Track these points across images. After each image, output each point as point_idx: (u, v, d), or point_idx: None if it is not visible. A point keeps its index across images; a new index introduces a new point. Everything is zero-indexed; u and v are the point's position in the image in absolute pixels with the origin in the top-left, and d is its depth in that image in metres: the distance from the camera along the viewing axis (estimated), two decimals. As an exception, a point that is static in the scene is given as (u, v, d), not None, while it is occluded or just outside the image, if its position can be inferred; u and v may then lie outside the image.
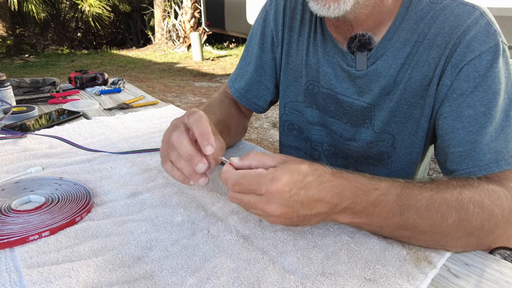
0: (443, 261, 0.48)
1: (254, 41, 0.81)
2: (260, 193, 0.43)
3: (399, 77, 0.65)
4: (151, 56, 7.43)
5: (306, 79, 0.75)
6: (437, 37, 0.60)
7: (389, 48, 0.64)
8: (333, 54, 0.70)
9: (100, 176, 0.67)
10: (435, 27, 0.60)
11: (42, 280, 0.42)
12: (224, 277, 0.44)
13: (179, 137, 0.50)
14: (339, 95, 0.71)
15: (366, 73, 0.66)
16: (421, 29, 0.62)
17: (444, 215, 0.47)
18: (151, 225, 0.53)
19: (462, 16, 0.58)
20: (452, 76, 0.58)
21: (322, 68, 0.72)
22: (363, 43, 0.64)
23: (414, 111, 0.65)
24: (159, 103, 1.19)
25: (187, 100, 4.34)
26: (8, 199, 0.57)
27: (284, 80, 0.79)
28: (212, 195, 0.62)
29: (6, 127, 0.89)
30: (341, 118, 0.73)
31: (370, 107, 0.68)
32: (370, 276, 0.45)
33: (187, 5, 7.56)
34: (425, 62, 0.61)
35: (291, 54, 0.77)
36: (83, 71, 1.37)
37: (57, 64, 6.38)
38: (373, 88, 0.67)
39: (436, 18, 0.60)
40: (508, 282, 0.45)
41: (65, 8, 8.06)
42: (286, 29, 0.76)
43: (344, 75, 0.69)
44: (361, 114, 0.70)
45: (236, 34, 4.84)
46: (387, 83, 0.65)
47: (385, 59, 0.65)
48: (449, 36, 0.58)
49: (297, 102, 0.79)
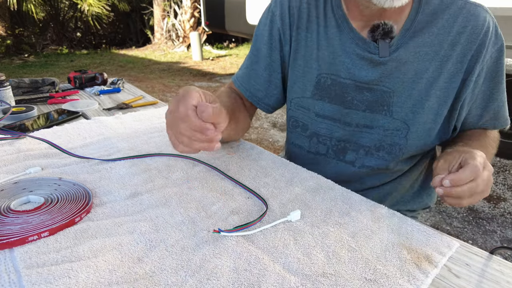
0: (444, 261, 0.48)
1: (261, 42, 0.82)
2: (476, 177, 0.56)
3: (420, 66, 0.70)
4: (150, 56, 7.43)
5: (318, 72, 0.77)
6: (461, 35, 0.69)
7: (410, 38, 0.70)
8: (350, 44, 0.73)
9: (99, 176, 0.67)
10: (457, 25, 0.69)
11: (41, 281, 0.42)
12: (224, 278, 0.44)
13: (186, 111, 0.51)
14: (358, 83, 0.74)
15: (390, 59, 0.71)
16: (440, 23, 0.69)
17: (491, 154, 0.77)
18: (151, 226, 0.53)
19: (479, 17, 0.69)
20: (476, 73, 0.70)
21: (339, 59, 0.75)
22: (386, 32, 0.70)
23: (433, 103, 0.72)
24: (158, 103, 1.19)
25: (187, 100, 4.33)
26: (7, 200, 0.57)
27: (292, 76, 0.81)
28: (212, 195, 0.62)
29: (5, 127, 0.89)
30: (359, 107, 0.75)
31: (390, 92, 0.73)
32: (371, 276, 0.45)
33: (187, 5, 7.56)
34: (450, 57, 0.69)
35: (299, 51, 0.79)
36: (82, 71, 1.37)
37: (57, 64, 6.37)
38: (394, 73, 0.72)
39: (456, 17, 0.69)
40: (508, 282, 0.45)
41: (64, 8, 8.05)
42: (293, 27, 0.79)
43: (363, 63, 0.73)
44: (380, 99, 0.74)
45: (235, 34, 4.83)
46: (408, 70, 0.71)
47: (407, 47, 0.70)
48: (472, 36, 0.69)
49: (303, 98, 0.80)
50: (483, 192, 0.58)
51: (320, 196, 0.63)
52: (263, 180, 0.68)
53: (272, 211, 0.58)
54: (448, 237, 0.53)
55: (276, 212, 0.58)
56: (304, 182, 0.68)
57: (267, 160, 0.76)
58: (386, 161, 0.77)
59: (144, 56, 7.41)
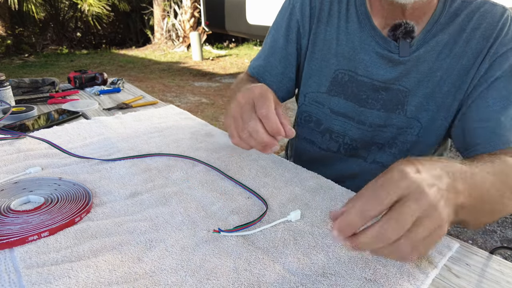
0: (444, 261, 0.48)
1: (279, 33, 0.82)
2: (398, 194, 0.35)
3: (436, 65, 0.70)
4: (150, 55, 7.43)
5: (336, 67, 0.77)
6: (476, 31, 0.67)
7: (430, 38, 0.70)
8: (370, 41, 0.73)
9: (99, 176, 0.67)
10: (473, 22, 0.68)
11: (41, 281, 0.42)
12: (224, 277, 0.44)
13: (268, 113, 0.52)
14: (375, 81, 0.74)
15: (409, 59, 0.71)
16: (458, 22, 0.69)
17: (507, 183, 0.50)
18: (151, 225, 0.53)
19: (497, 14, 0.67)
20: (487, 66, 0.66)
21: (358, 56, 0.74)
22: (408, 31, 0.69)
23: (446, 100, 0.71)
24: (158, 103, 1.19)
25: (187, 100, 4.34)
26: (7, 200, 0.57)
27: (308, 69, 0.81)
28: (212, 195, 0.62)
29: (5, 127, 0.89)
30: (374, 106, 0.75)
31: (406, 92, 0.72)
32: (371, 276, 0.45)
33: (187, 5, 7.56)
34: (464, 54, 0.68)
35: (317, 44, 0.79)
36: (82, 71, 1.37)
37: (56, 64, 6.37)
38: (412, 73, 0.72)
39: (473, 15, 0.68)
40: (509, 282, 0.45)
41: (64, 8, 8.04)
42: (314, 20, 0.78)
43: (382, 61, 0.73)
44: (395, 99, 0.73)
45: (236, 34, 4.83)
46: (425, 70, 0.71)
47: (426, 47, 0.70)
48: (487, 31, 0.67)
49: (318, 93, 0.80)
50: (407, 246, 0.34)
51: (320, 196, 0.63)
52: (263, 180, 0.68)
53: (272, 211, 0.58)
54: (448, 237, 0.53)
55: (276, 212, 0.58)
56: (304, 182, 0.68)
57: (267, 160, 0.76)
58: (396, 158, 0.77)
59: (144, 56, 7.41)
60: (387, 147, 0.78)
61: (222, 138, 0.88)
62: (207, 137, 0.88)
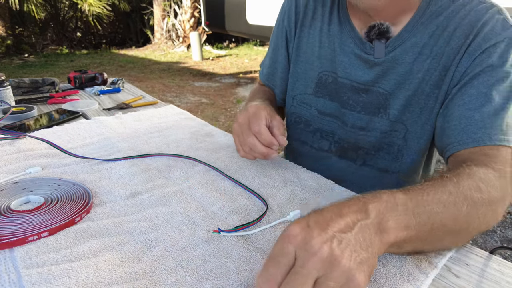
0: (444, 261, 0.48)
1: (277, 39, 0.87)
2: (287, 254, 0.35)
3: (416, 66, 0.68)
4: (150, 55, 7.43)
5: (320, 70, 0.78)
6: (457, 29, 0.64)
7: (408, 39, 0.67)
8: (349, 43, 0.73)
9: (99, 176, 0.67)
10: (454, 21, 0.64)
11: (41, 281, 0.42)
12: (224, 278, 0.44)
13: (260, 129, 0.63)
14: (354, 83, 0.74)
15: (384, 60, 0.69)
16: (439, 21, 0.65)
17: (457, 206, 0.45)
18: (150, 225, 0.53)
19: (481, 11, 0.62)
20: (468, 63, 0.62)
21: (338, 58, 0.75)
22: (382, 32, 0.68)
23: (429, 101, 0.68)
24: (158, 103, 1.19)
25: (187, 100, 4.34)
26: (7, 200, 0.57)
27: (294, 73, 0.84)
28: (212, 195, 0.62)
29: (5, 127, 0.89)
30: (354, 108, 0.75)
31: (386, 94, 0.71)
32: (371, 276, 0.45)
33: (187, 5, 7.56)
34: (444, 54, 0.65)
35: (301, 48, 0.81)
36: (82, 71, 1.37)
37: (57, 64, 6.37)
38: (390, 75, 0.70)
39: (456, 13, 0.64)
40: (508, 282, 0.45)
41: (64, 8, 8.05)
42: (298, 25, 0.81)
43: (360, 63, 0.72)
44: (376, 102, 0.72)
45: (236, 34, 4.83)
46: (404, 71, 0.69)
47: (404, 48, 0.68)
48: (468, 29, 0.62)
49: (305, 94, 0.81)
50: None
51: (320, 196, 0.63)
52: (262, 180, 0.68)
53: (271, 211, 0.58)
54: (448, 237, 0.53)
55: (275, 212, 0.58)
56: (304, 182, 0.68)
57: (266, 160, 0.76)
58: (386, 160, 0.77)
59: (144, 56, 7.41)
60: (373, 151, 0.77)
61: (222, 138, 0.88)
62: (207, 137, 0.88)
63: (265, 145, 0.64)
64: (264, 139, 0.63)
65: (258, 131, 0.63)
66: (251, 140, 0.64)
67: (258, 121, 0.64)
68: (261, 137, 0.63)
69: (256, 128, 0.64)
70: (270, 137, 0.63)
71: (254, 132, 0.64)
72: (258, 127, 0.63)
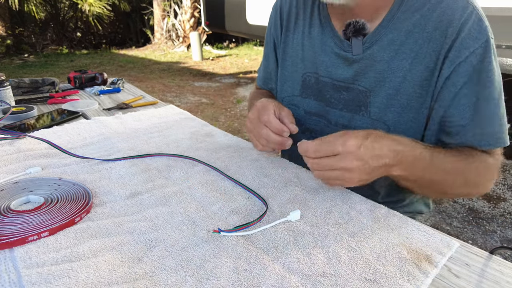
0: (444, 261, 0.48)
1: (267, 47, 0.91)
2: (337, 152, 0.54)
3: (395, 64, 0.68)
4: (150, 55, 7.43)
5: (303, 71, 0.81)
6: (436, 31, 0.64)
7: (384, 35, 0.68)
8: (330, 43, 0.75)
9: (99, 176, 0.67)
10: (433, 20, 0.64)
11: (41, 281, 0.42)
12: (224, 278, 0.44)
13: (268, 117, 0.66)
14: (335, 81, 0.75)
15: (362, 57, 0.70)
16: (417, 19, 0.65)
17: (459, 174, 0.64)
18: (151, 225, 0.53)
19: (457, 11, 0.63)
20: (450, 70, 0.64)
21: (319, 58, 0.77)
22: (358, 29, 0.69)
23: (412, 101, 0.68)
24: (158, 103, 1.19)
25: (187, 100, 4.34)
26: (7, 200, 0.57)
27: (282, 76, 0.86)
28: (212, 195, 0.62)
29: (5, 127, 0.89)
30: (336, 105, 0.76)
31: (366, 91, 0.72)
32: (371, 276, 0.45)
33: (187, 5, 7.56)
34: (426, 54, 0.65)
35: (287, 52, 0.84)
36: (82, 71, 1.37)
37: (56, 64, 6.37)
38: (368, 72, 0.71)
39: (433, 12, 0.64)
40: (508, 282, 0.45)
41: (64, 8, 8.05)
42: (283, 31, 0.84)
43: (339, 61, 0.74)
44: (357, 99, 0.73)
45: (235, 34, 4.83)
46: (382, 69, 0.69)
47: (381, 44, 0.68)
48: (446, 30, 0.63)
49: (293, 96, 0.84)
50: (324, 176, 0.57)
51: (320, 196, 0.63)
52: (262, 180, 0.68)
53: (272, 211, 0.58)
54: (448, 237, 0.53)
55: (276, 212, 0.58)
56: (304, 182, 0.68)
57: (267, 160, 0.76)
58: None
59: (144, 56, 7.41)
60: None
61: (222, 138, 0.88)
62: (207, 137, 0.88)
63: (277, 134, 0.66)
64: (274, 127, 0.66)
65: (267, 120, 0.66)
66: (265, 131, 0.67)
67: (266, 112, 0.67)
68: (271, 126, 0.66)
69: (265, 118, 0.66)
70: (279, 124, 0.66)
71: (264, 122, 0.67)
72: (267, 117, 0.66)
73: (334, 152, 0.55)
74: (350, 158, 0.54)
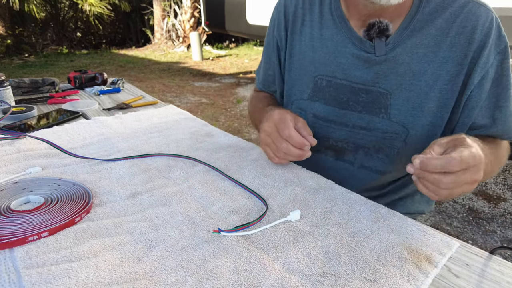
0: (444, 261, 0.48)
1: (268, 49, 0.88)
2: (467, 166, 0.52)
3: (417, 67, 0.68)
4: (150, 55, 7.43)
5: (315, 74, 0.78)
6: (460, 36, 0.66)
7: (408, 37, 0.68)
8: (347, 43, 0.73)
9: (99, 176, 0.67)
10: (456, 25, 0.66)
11: (41, 281, 0.42)
12: (224, 278, 0.44)
13: (289, 132, 0.66)
14: (354, 84, 0.74)
15: (386, 58, 0.70)
16: (439, 23, 0.67)
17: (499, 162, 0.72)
18: (151, 225, 0.53)
19: (481, 17, 0.65)
20: (480, 75, 0.67)
21: (335, 60, 0.75)
22: (382, 30, 0.69)
23: (431, 105, 0.70)
24: (158, 103, 1.19)
25: (187, 100, 4.34)
26: (7, 200, 0.57)
27: (289, 79, 0.84)
28: (212, 195, 0.62)
29: (5, 127, 0.89)
30: (355, 108, 0.75)
31: (387, 94, 0.71)
32: (371, 276, 0.45)
33: (187, 5, 7.56)
34: (448, 59, 0.67)
35: (294, 54, 0.82)
36: (82, 71, 1.37)
37: (57, 64, 6.37)
38: (390, 74, 0.70)
39: (456, 17, 0.66)
40: (508, 282, 0.45)
41: (64, 8, 8.05)
42: (288, 33, 0.82)
43: (359, 63, 0.72)
44: (377, 101, 0.73)
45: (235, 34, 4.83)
46: (404, 71, 0.69)
47: (404, 47, 0.69)
48: (471, 36, 0.65)
49: (301, 100, 0.82)
50: (451, 192, 0.53)
51: (320, 196, 0.63)
52: (263, 180, 0.68)
53: (272, 211, 0.58)
54: (448, 237, 0.53)
55: (276, 212, 0.58)
56: (304, 182, 0.68)
57: (267, 160, 0.76)
58: (385, 163, 0.77)
59: (144, 56, 7.41)
60: (373, 152, 0.77)
61: (222, 138, 0.88)
62: (207, 137, 0.88)
63: (298, 148, 0.66)
64: (296, 142, 0.66)
65: (289, 135, 0.66)
66: (285, 146, 0.66)
67: (286, 126, 0.66)
68: (293, 141, 0.66)
69: (286, 133, 0.66)
70: (301, 139, 0.66)
71: (285, 137, 0.66)
72: (288, 131, 0.66)
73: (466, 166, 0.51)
74: (481, 169, 0.52)
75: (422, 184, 0.55)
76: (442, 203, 2.11)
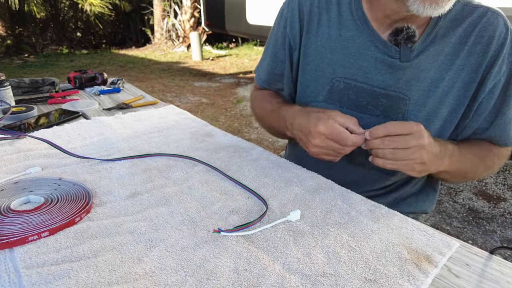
0: (444, 261, 0.48)
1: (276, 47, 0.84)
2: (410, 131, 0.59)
3: (436, 75, 0.69)
4: (150, 55, 7.43)
5: (332, 76, 0.76)
6: (477, 45, 0.67)
7: (430, 44, 0.69)
8: (369, 46, 0.72)
9: (99, 176, 0.67)
10: (474, 35, 0.68)
11: (41, 281, 0.42)
12: (224, 278, 0.44)
13: (340, 134, 0.64)
14: (375, 88, 0.73)
15: (411, 64, 0.70)
16: (459, 32, 0.68)
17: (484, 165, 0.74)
18: (151, 225, 0.53)
19: (499, 27, 0.67)
20: (492, 84, 0.69)
21: (356, 63, 0.73)
22: (410, 36, 0.68)
23: (443, 110, 0.71)
24: (158, 103, 1.19)
25: (187, 100, 4.34)
26: (7, 200, 0.57)
27: (303, 80, 0.81)
28: (212, 195, 0.62)
29: (5, 127, 0.89)
30: (373, 111, 0.75)
31: (406, 99, 0.72)
32: (371, 276, 0.45)
33: (187, 5, 7.56)
34: (464, 67, 0.69)
35: (309, 55, 0.79)
36: (82, 71, 1.37)
37: (57, 64, 6.37)
38: (411, 80, 0.71)
39: (475, 26, 0.68)
40: (508, 282, 0.45)
41: (65, 8, 8.05)
42: (303, 32, 0.79)
43: (382, 67, 0.72)
44: (396, 106, 0.73)
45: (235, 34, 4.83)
46: (424, 78, 0.70)
47: (427, 54, 0.69)
48: (488, 46, 0.67)
49: (316, 102, 0.80)
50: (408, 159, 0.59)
51: (320, 196, 0.63)
52: (263, 180, 0.68)
53: (272, 211, 0.58)
54: (448, 237, 0.53)
55: (276, 212, 0.58)
56: (304, 182, 0.68)
57: (267, 160, 0.76)
58: None
59: (144, 56, 7.41)
60: None
61: (222, 138, 0.88)
62: (207, 137, 0.88)
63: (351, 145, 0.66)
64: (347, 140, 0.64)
65: (353, 143, 0.64)
66: (350, 149, 0.66)
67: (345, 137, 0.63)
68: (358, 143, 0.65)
69: (349, 142, 0.64)
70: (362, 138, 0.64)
71: (351, 144, 0.64)
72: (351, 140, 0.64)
73: (408, 130, 0.58)
74: (425, 136, 0.58)
75: (375, 154, 0.62)
76: (442, 203, 2.11)
